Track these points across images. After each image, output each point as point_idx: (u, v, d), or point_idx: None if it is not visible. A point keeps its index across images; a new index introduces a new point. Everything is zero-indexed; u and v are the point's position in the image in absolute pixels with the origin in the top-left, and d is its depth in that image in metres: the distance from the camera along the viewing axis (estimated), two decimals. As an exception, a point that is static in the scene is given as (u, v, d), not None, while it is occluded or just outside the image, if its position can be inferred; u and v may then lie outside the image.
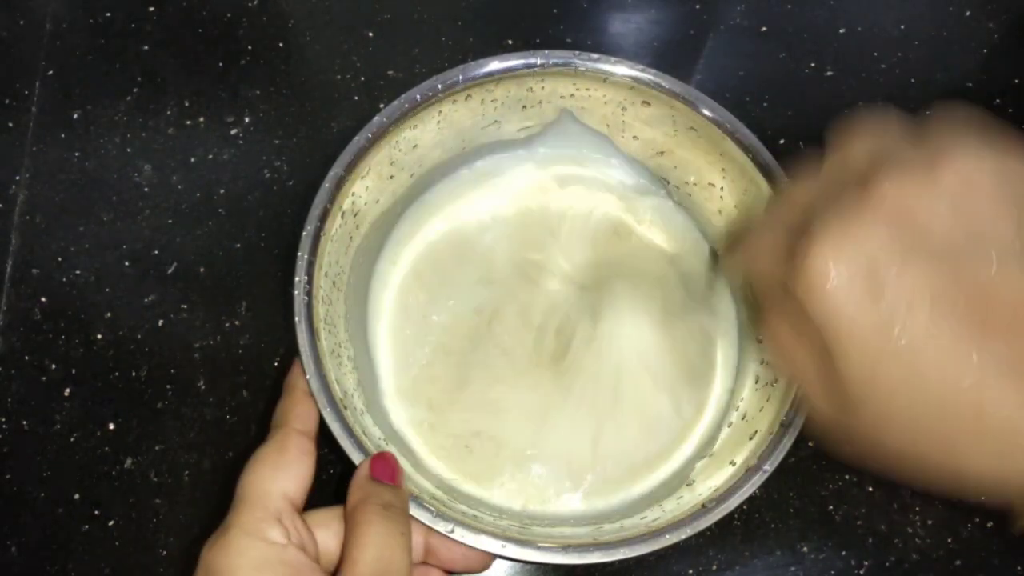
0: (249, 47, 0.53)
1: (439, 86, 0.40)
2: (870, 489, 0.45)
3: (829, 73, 0.54)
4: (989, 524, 0.45)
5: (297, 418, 0.35)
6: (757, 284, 0.31)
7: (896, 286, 0.24)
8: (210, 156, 0.50)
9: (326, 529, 0.34)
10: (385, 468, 0.34)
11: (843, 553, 0.44)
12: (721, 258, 0.44)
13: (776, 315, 0.29)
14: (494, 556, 0.35)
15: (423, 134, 0.42)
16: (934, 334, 0.24)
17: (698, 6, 0.55)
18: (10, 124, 0.51)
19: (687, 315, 0.45)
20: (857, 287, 0.24)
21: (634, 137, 0.44)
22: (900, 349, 0.24)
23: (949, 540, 0.45)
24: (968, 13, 0.55)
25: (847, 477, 0.45)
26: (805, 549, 0.44)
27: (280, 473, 0.33)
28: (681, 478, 0.41)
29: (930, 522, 0.45)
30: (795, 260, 0.26)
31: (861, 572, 0.44)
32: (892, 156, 0.26)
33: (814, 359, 0.27)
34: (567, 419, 0.43)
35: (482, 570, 0.37)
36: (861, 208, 0.25)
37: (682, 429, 0.43)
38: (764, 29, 0.55)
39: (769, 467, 0.36)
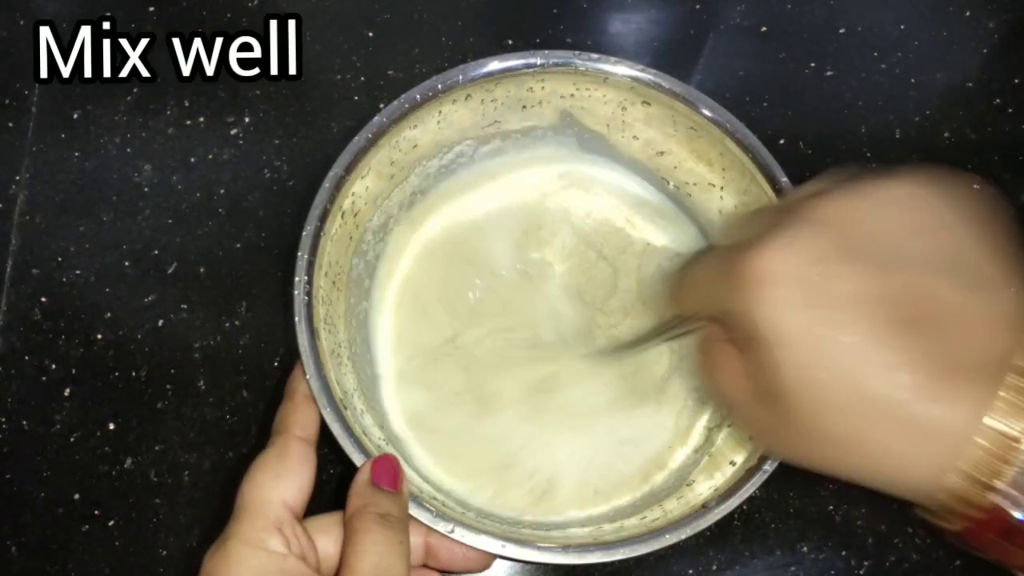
0: (249, 47, 0.53)
1: (439, 86, 0.40)
2: (870, 489, 0.45)
3: (829, 73, 0.54)
4: (989, 524, 0.45)
5: (297, 424, 0.35)
6: (694, 310, 0.32)
7: (835, 292, 0.25)
8: (210, 156, 0.50)
9: (327, 536, 0.34)
10: (386, 471, 0.34)
11: (843, 553, 0.44)
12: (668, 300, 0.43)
13: (711, 340, 0.31)
14: (494, 556, 0.35)
15: (423, 134, 0.42)
16: (871, 339, 0.24)
17: (698, 6, 0.55)
18: (10, 124, 0.51)
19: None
20: (795, 291, 0.25)
21: (634, 137, 0.44)
22: (837, 352, 0.25)
23: (949, 540, 0.44)
24: (968, 13, 0.55)
25: (847, 477, 0.45)
26: (805, 549, 0.44)
27: (280, 481, 0.33)
28: (681, 478, 0.41)
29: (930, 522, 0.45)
30: (735, 272, 0.26)
31: (861, 572, 0.44)
32: (834, 186, 0.27)
33: (746, 378, 0.28)
34: (567, 423, 0.43)
35: (482, 570, 0.37)
36: (802, 222, 0.26)
37: (681, 430, 0.43)
38: (764, 29, 0.55)
39: (769, 467, 0.36)
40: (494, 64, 0.40)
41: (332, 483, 0.43)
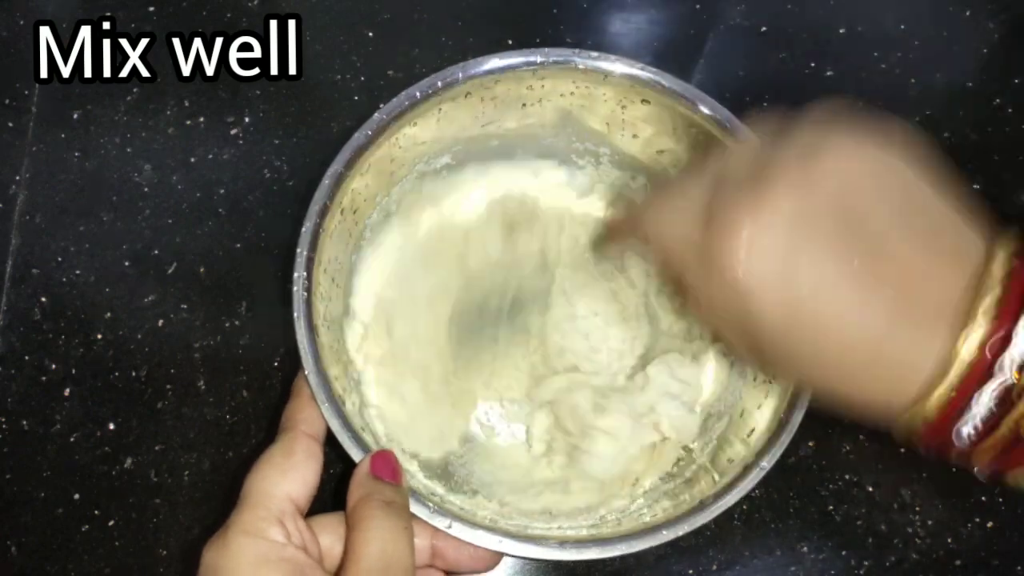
0: (249, 47, 0.53)
1: (439, 83, 0.40)
2: (870, 489, 0.45)
3: (829, 73, 0.54)
4: (989, 524, 0.45)
5: (304, 421, 0.35)
6: (669, 248, 0.33)
7: (802, 250, 0.27)
8: (210, 156, 0.50)
9: (331, 534, 0.34)
10: (386, 466, 0.34)
11: (843, 553, 0.44)
12: (613, 227, 0.44)
13: (693, 277, 0.32)
14: (501, 555, 0.35)
15: (423, 131, 0.42)
16: (838, 285, 0.27)
17: (698, 6, 0.55)
18: (10, 124, 0.51)
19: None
20: (770, 253, 0.28)
21: (634, 135, 0.44)
22: (809, 299, 0.27)
23: (949, 540, 0.44)
24: (968, 13, 0.55)
25: (847, 477, 0.45)
26: (805, 549, 0.44)
27: (285, 475, 0.33)
28: (678, 477, 0.41)
29: (930, 522, 0.45)
30: (713, 226, 0.29)
31: (861, 572, 0.44)
32: (785, 147, 0.30)
33: (730, 310, 0.30)
34: (560, 420, 0.43)
35: (489, 570, 0.37)
36: (769, 184, 0.28)
37: (678, 430, 0.43)
38: (764, 29, 0.55)
39: (767, 464, 0.36)
40: (494, 62, 0.40)
41: (332, 482, 0.43)
